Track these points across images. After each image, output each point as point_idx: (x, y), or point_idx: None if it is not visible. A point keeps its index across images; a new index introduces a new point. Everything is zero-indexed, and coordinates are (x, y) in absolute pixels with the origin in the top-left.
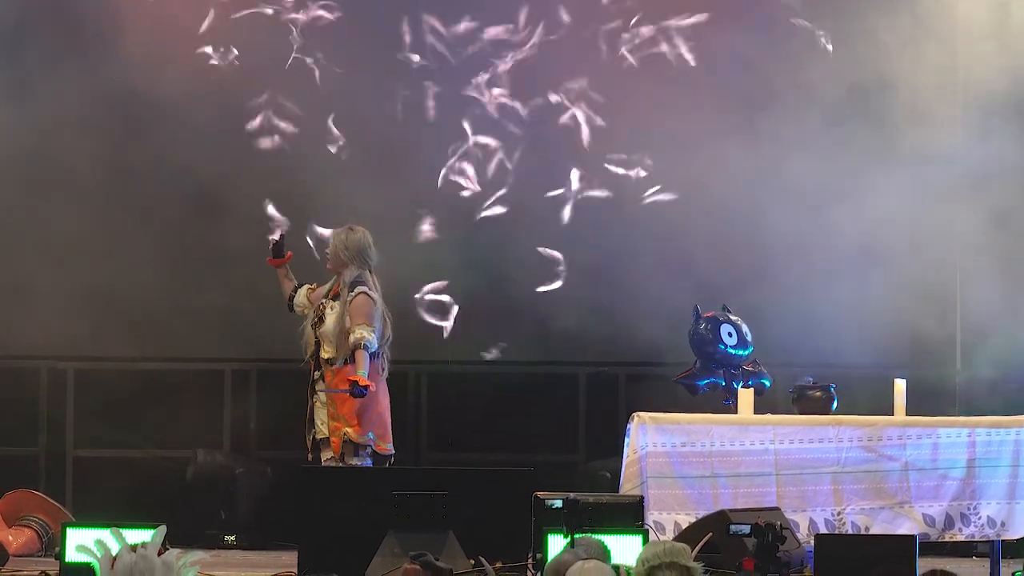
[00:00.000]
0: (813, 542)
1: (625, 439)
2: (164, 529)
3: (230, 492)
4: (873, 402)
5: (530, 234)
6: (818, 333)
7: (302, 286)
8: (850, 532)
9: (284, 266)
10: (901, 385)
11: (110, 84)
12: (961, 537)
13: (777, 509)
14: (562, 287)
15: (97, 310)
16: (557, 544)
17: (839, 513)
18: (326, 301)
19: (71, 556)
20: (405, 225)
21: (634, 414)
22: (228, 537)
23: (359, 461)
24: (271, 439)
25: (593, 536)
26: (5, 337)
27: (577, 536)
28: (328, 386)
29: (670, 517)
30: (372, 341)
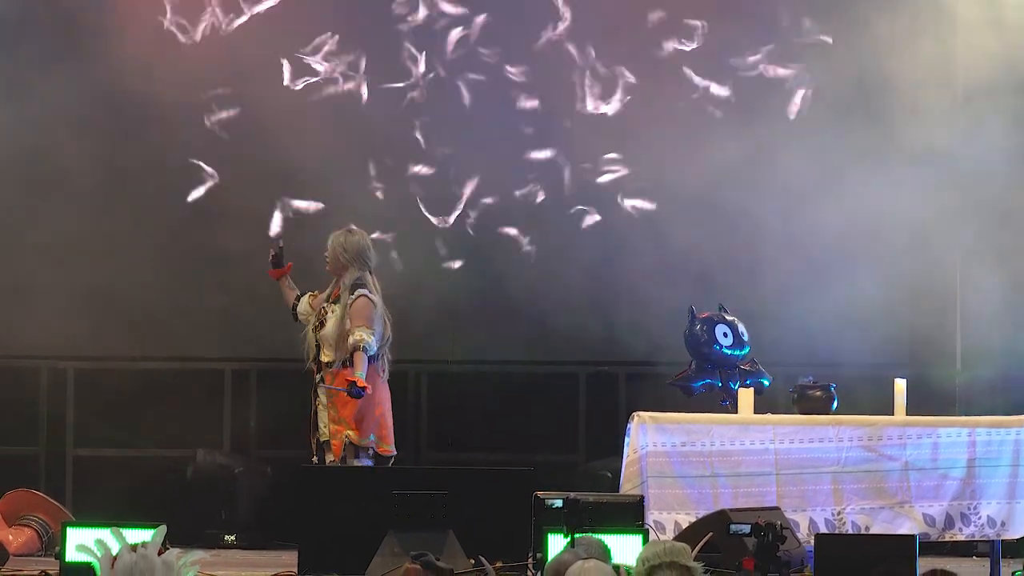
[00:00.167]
0: (813, 542)
1: (625, 439)
2: (164, 529)
3: (230, 492)
4: (873, 402)
5: (530, 234)
6: (818, 333)
7: (304, 295)
8: (850, 532)
9: (285, 276)
10: (901, 385)
11: (110, 84)
12: (961, 537)
13: (777, 509)
14: (562, 287)
15: (97, 310)
16: (557, 544)
17: (839, 513)
18: (327, 305)
19: (71, 556)
20: (405, 225)
21: (634, 414)
22: (228, 537)
23: (360, 463)
24: (271, 439)
25: (594, 536)
26: (5, 337)
27: (578, 536)
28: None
29: (670, 517)
30: (371, 344)
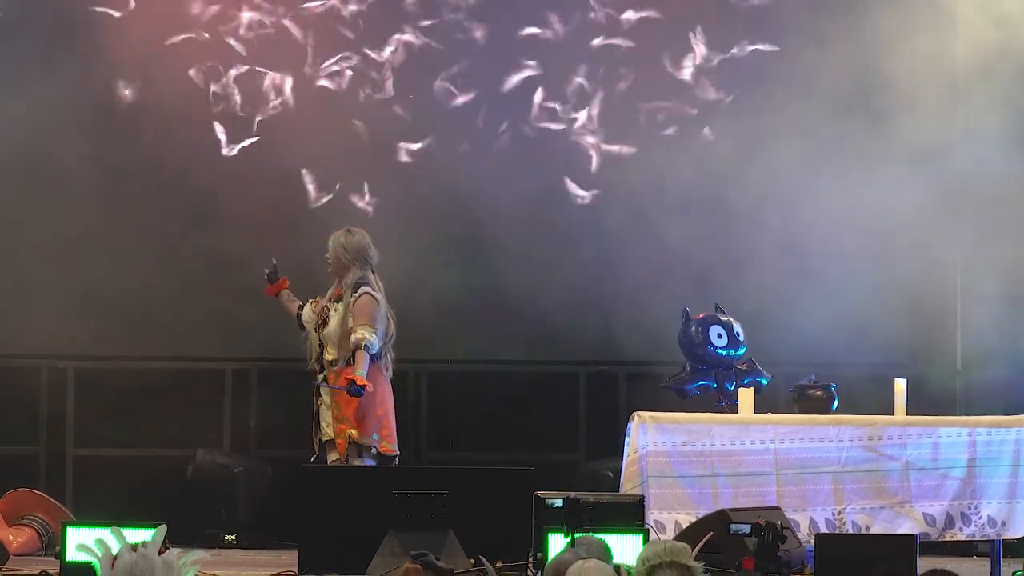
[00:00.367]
0: (813, 541)
1: (625, 438)
2: (164, 528)
3: (230, 491)
4: (873, 402)
5: (531, 233)
6: (819, 333)
7: (306, 303)
8: (850, 531)
9: (283, 291)
10: (901, 385)
11: (110, 84)
12: (962, 537)
13: (778, 508)
14: (562, 287)
15: (97, 310)
16: (557, 543)
17: (839, 512)
18: (329, 304)
19: (71, 555)
20: (406, 224)
21: (634, 413)
22: (228, 536)
23: (363, 463)
24: (271, 439)
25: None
26: (5, 337)
27: (579, 535)
28: (328, 389)
29: (671, 516)
30: (373, 342)
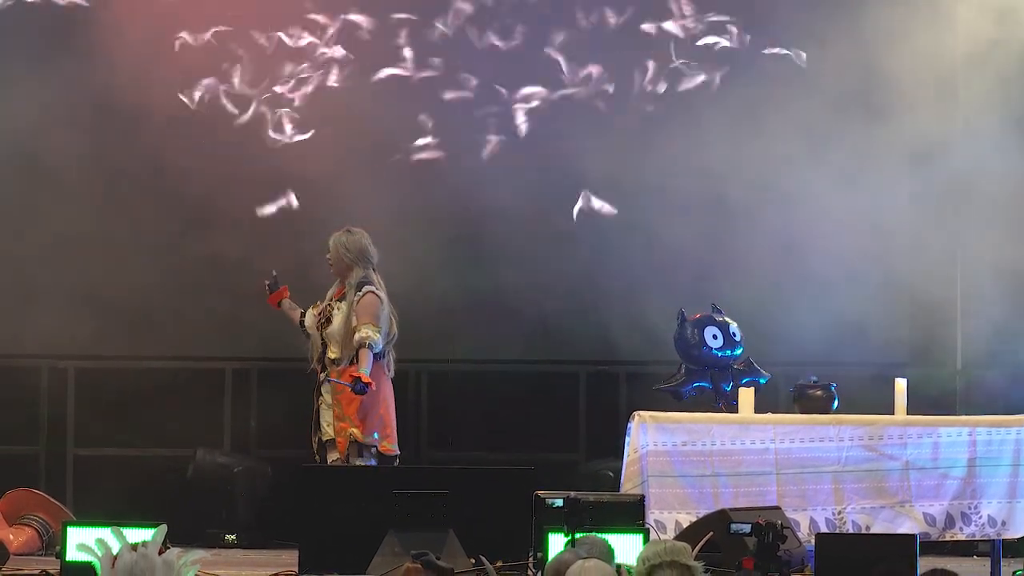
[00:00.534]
0: (814, 541)
1: (626, 438)
2: (165, 528)
3: (230, 491)
4: (874, 402)
5: (530, 233)
6: (819, 332)
7: (307, 310)
8: (851, 531)
9: (284, 300)
10: (902, 384)
11: (109, 84)
12: (962, 536)
13: (778, 508)
14: (562, 287)
15: (98, 310)
16: (558, 543)
17: (840, 512)
18: (332, 303)
19: (72, 555)
20: (406, 225)
21: (635, 413)
22: (229, 536)
23: (363, 462)
24: (271, 438)
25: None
26: (5, 337)
27: (582, 535)
28: (334, 387)
29: (671, 516)
30: (377, 341)
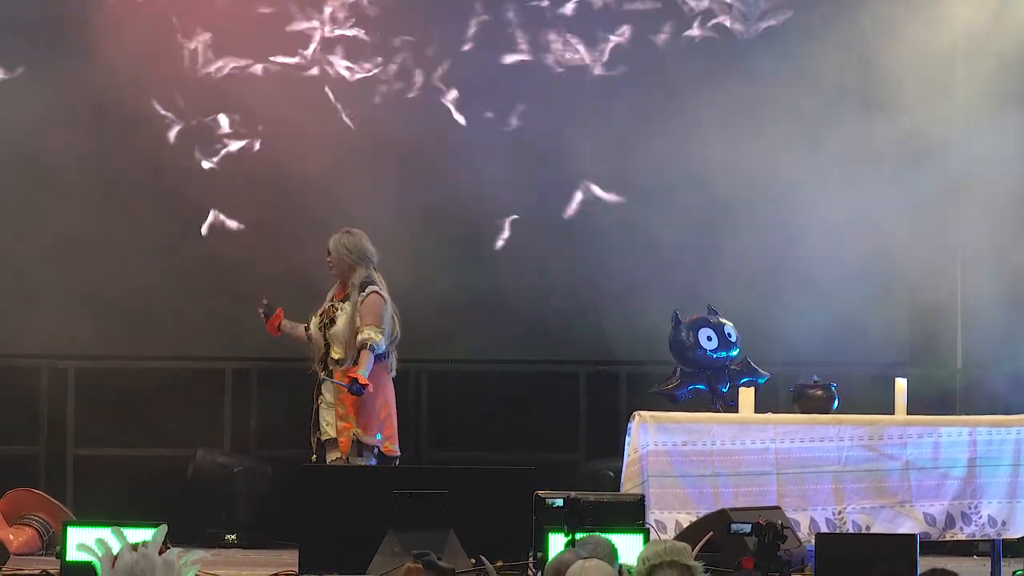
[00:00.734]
0: (814, 541)
1: (626, 438)
2: (165, 528)
3: (230, 491)
4: (874, 402)
5: (530, 233)
6: (819, 332)
7: (310, 323)
8: (851, 531)
9: (282, 322)
10: (902, 384)
11: (109, 84)
12: (962, 536)
13: (778, 508)
14: (562, 286)
15: (98, 310)
16: (558, 543)
17: (840, 512)
18: (336, 304)
19: (72, 555)
20: (406, 225)
21: (635, 413)
22: (229, 536)
23: (363, 462)
24: (271, 438)
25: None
26: (5, 337)
27: (586, 535)
28: (337, 387)
29: (671, 516)
30: (379, 343)
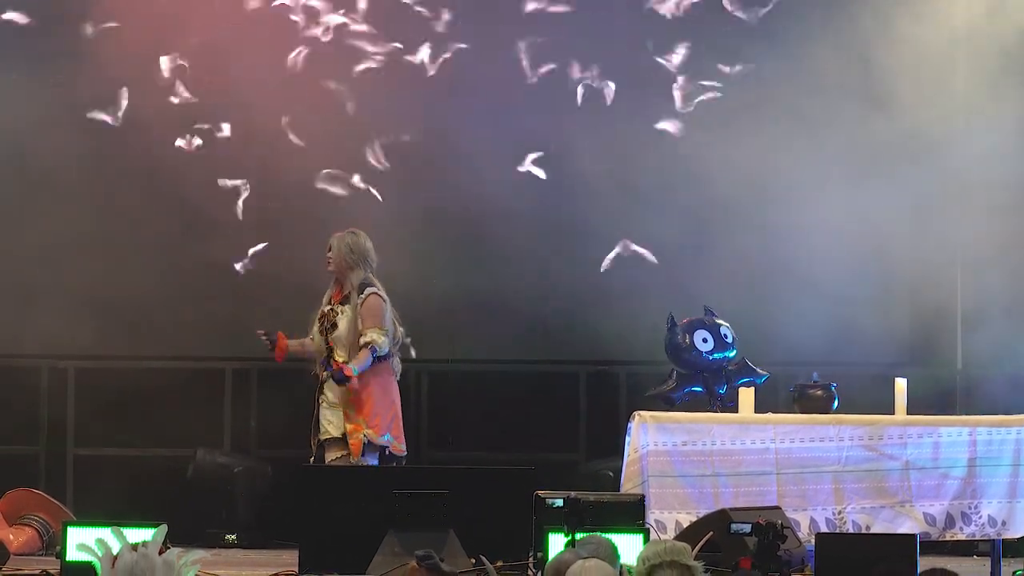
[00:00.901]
0: (814, 541)
1: (626, 438)
2: (165, 528)
3: (230, 491)
4: (874, 402)
5: (531, 233)
6: (819, 332)
7: (313, 332)
8: (851, 531)
9: (288, 344)
10: (902, 384)
11: (109, 85)
12: (962, 536)
13: (778, 508)
14: (562, 286)
15: (98, 310)
16: (558, 543)
17: (840, 512)
18: (335, 307)
19: (72, 555)
20: (406, 225)
21: (635, 413)
22: (229, 536)
23: (366, 462)
24: (271, 438)
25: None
26: (5, 337)
27: (587, 535)
28: (344, 389)
29: (671, 516)
30: (382, 345)
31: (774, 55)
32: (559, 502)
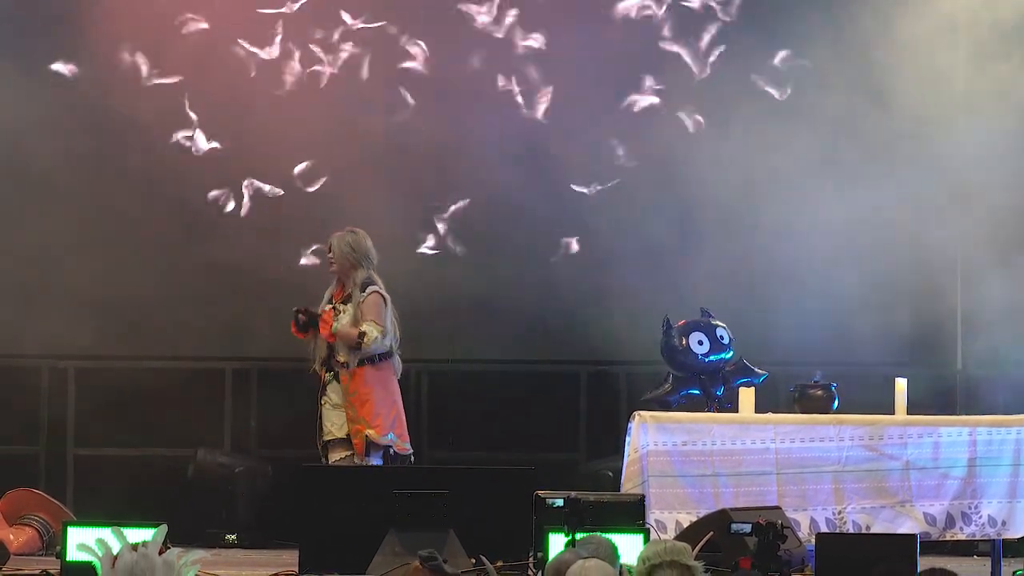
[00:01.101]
0: (814, 541)
1: (626, 438)
2: (165, 528)
3: (230, 491)
4: (874, 402)
5: (531, 232)
6: (819, 332)
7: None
8: (851, 531)
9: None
10: (902, 384)
11: (109, 86)
12: (962, 536)
13: (778, 508)
14: (563, 286)
15: (98, 310)
16: (558, 543)
17: (840, 512)
18: (337, 306)
19: (72, 555)
20: (406, 227)
21: (635, 413)
22: (229, 536)
23: (370, 462)
24: (271, 438)
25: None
26: (5, 337)
27: (587, 535)
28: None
29: (671, 516)
30: (376, 339)
31: (774, 55)
32: (559, 502)
